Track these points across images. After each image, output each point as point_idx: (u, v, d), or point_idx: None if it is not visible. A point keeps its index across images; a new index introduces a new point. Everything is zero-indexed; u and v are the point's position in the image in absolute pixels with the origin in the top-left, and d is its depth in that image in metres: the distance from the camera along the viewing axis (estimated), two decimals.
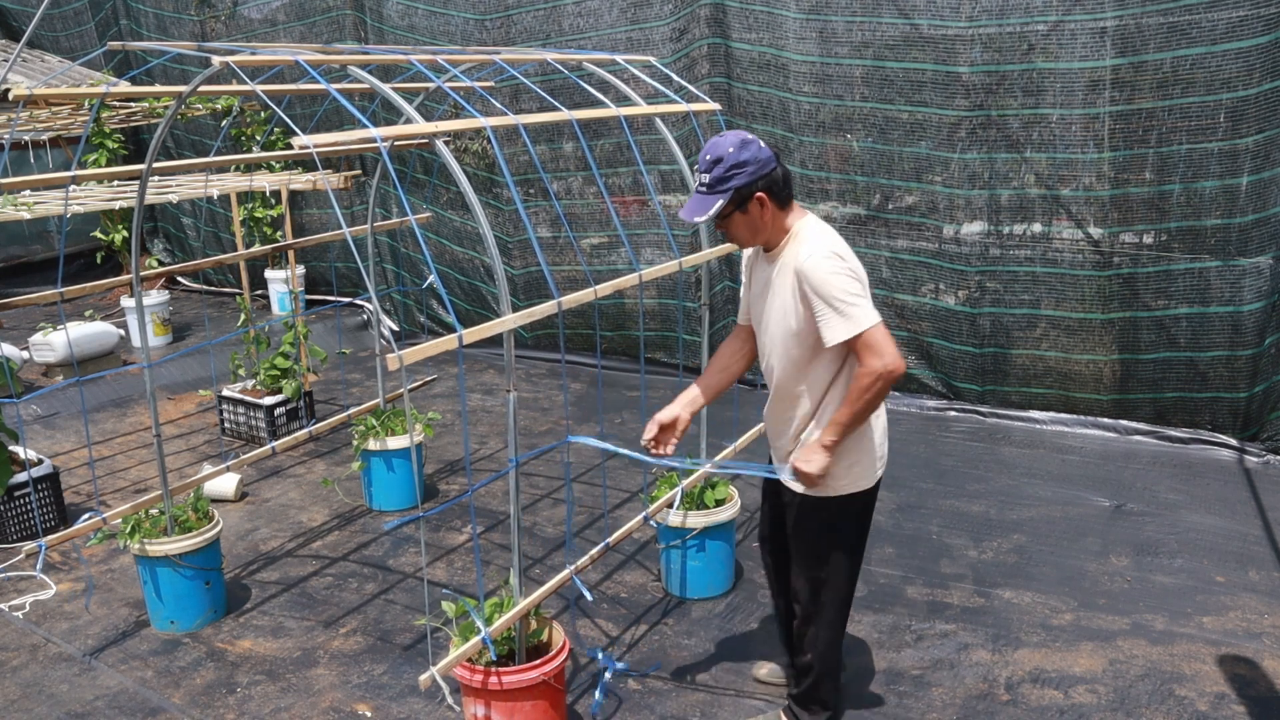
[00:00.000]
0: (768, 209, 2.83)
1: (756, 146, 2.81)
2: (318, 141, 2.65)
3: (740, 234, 2.91)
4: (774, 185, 2.82)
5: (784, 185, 2.85)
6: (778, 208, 2.85)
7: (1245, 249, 5.31)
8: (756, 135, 6.86)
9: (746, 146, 2.80)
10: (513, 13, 7.26)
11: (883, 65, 5.95)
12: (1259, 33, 4.99)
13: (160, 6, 9.48)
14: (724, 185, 2.79)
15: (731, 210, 2.83)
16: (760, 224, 2.86)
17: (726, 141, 2.82)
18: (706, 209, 2.81)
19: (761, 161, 2.80)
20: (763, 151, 2.82)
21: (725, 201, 2.80)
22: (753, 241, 2.94)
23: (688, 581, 4.16)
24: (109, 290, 8.90)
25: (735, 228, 2.89)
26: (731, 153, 2.79)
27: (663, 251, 7.29)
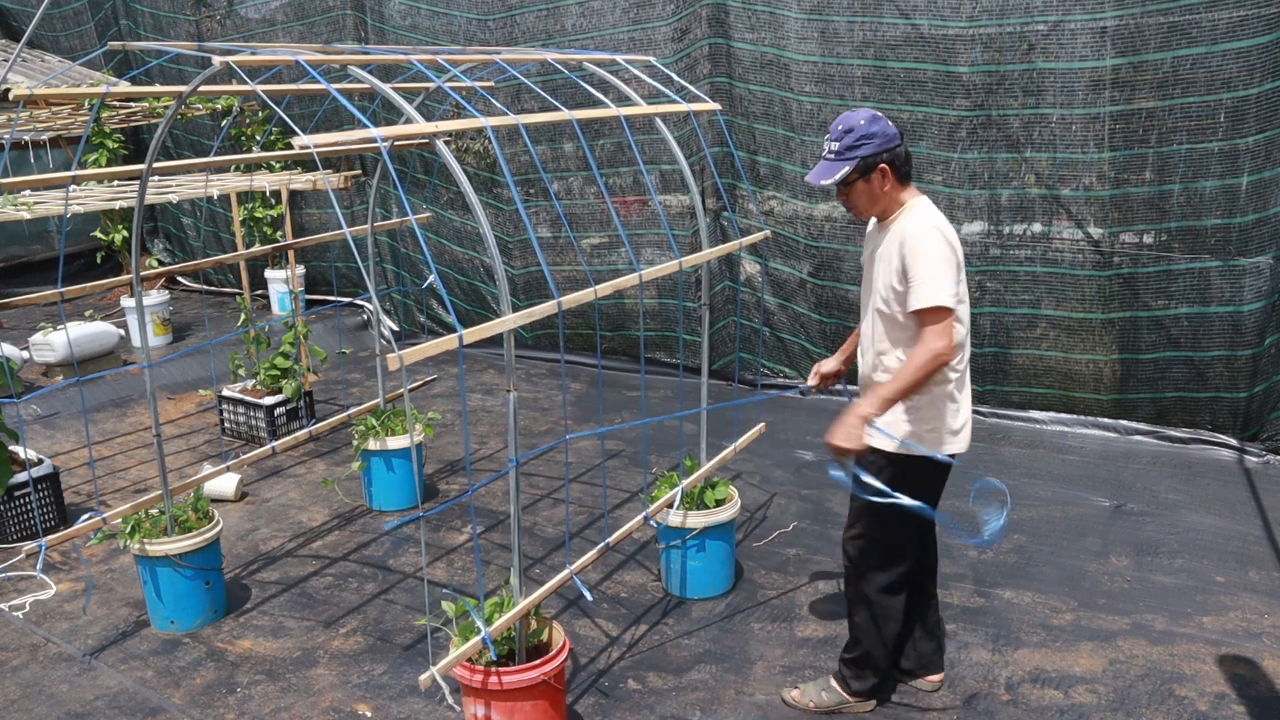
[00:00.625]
0: (888, 180, 3.04)
1: (885, 123, 3.02)
2: (318, 141, 2.65)
3: (859, 201, 3.10)
4: (896, 160, 3.02)
5: (904, 162, 3.05)
6: (896, 181, 3.05)
7: (1245, 249, 5.31)
8: (758, 135, 6.86)
9: (876, 121, 3.01)
10: (515, 13, 7.26)
11: (884, 65, 5.95)
12: (1259, 32, 4.99)
13: (158, 6, 9.48)
14: (852, 153, 3.00)
15: (856, 178, 3.03)
16: (879, 194, 3.06)
17: (859, 115, 3.03)
18: (834, 173, 3.02)
19: (889, 136, 3.01)
20: (890, 128, 3.02)
21: (851, 168, 3.00)
22: (870, 210, 3.13)
23: (688, 581, 4.16)
24: (109, 290, 8.91)
25: (856, 195, 3.08)
26: (862, 125, 2.99)
27: (663, 251, 7.29)
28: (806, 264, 6.60)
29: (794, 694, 3.46)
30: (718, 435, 4.54)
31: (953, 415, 3.09)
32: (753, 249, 6.81)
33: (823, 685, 3.43)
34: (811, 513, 5.02)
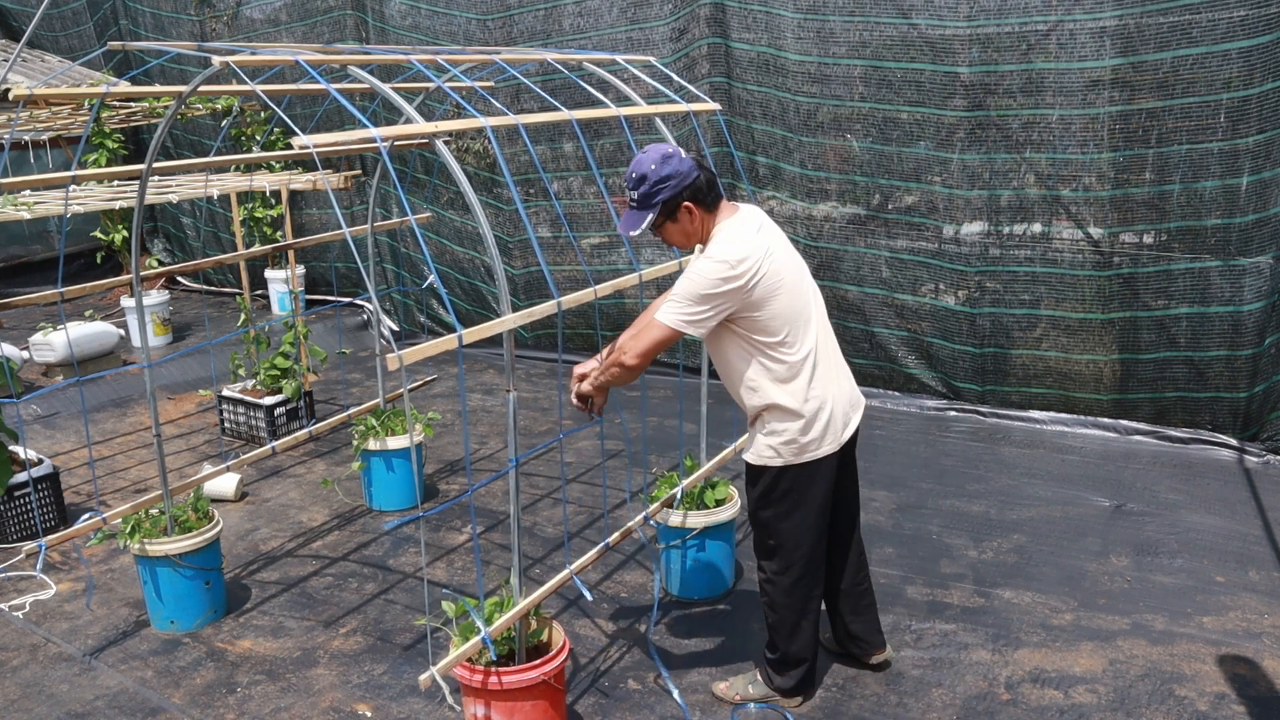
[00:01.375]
0: (696, 215, 3.07)
1: (678, 160, 3.02)
2: (318, 141, 2.65)
3: (676, 239, 3.15)
4: (698, 193, 3.04)
5: (709, 190, 3.06)
6: (705, 212, 3.08)
7: (1245, 249, 5.31)
8: (756, 135, 6.86)
9: (667, 161, 3.01)
10: (513, 13, 7.27)
11: (881, 65, 5.95)
12: (1259, 32, 4.99)
13: (158, 6, 9.48)
14: (652, 200, 3.02)
15: (663, 220, 3.07)
16: (691, 229, 3.10)
17: (648, 159, 3.03)
18: (640, 223, 3.04)
19: (683, 174, 3.00)
20: (684, 163, 3.01)
21: (655, 215, 3.04)
22: (688, 244, 3.17)
23: (688, 581, 4.16)
24: (109, 290, 8.91)
25: (670, 235, 3.13)
26: (654, 169, 3.00)
27: (663, 251, 7.29)
28: (806, 264, 6.59)
29: (722, 686, 3.51)
30: (718, 435, 4.55)
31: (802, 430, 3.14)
32: None
33: (750, 679, 3.50)
34: None
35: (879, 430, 6.12)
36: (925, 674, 3.62)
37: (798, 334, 3.10)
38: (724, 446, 4.37)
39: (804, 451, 3.15)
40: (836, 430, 3.20)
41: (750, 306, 3.02)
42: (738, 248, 2.99)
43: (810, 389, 3.12)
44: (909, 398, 6.49)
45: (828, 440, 3.18)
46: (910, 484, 5.33)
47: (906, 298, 6.29)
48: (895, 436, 6.03)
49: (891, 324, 6.38)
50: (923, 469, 5.53)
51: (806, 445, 3.15)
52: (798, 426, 3.12)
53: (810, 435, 3.14)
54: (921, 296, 6.26)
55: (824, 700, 3.48)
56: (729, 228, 3.07)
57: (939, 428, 6.15)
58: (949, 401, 6.37)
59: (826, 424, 3.16)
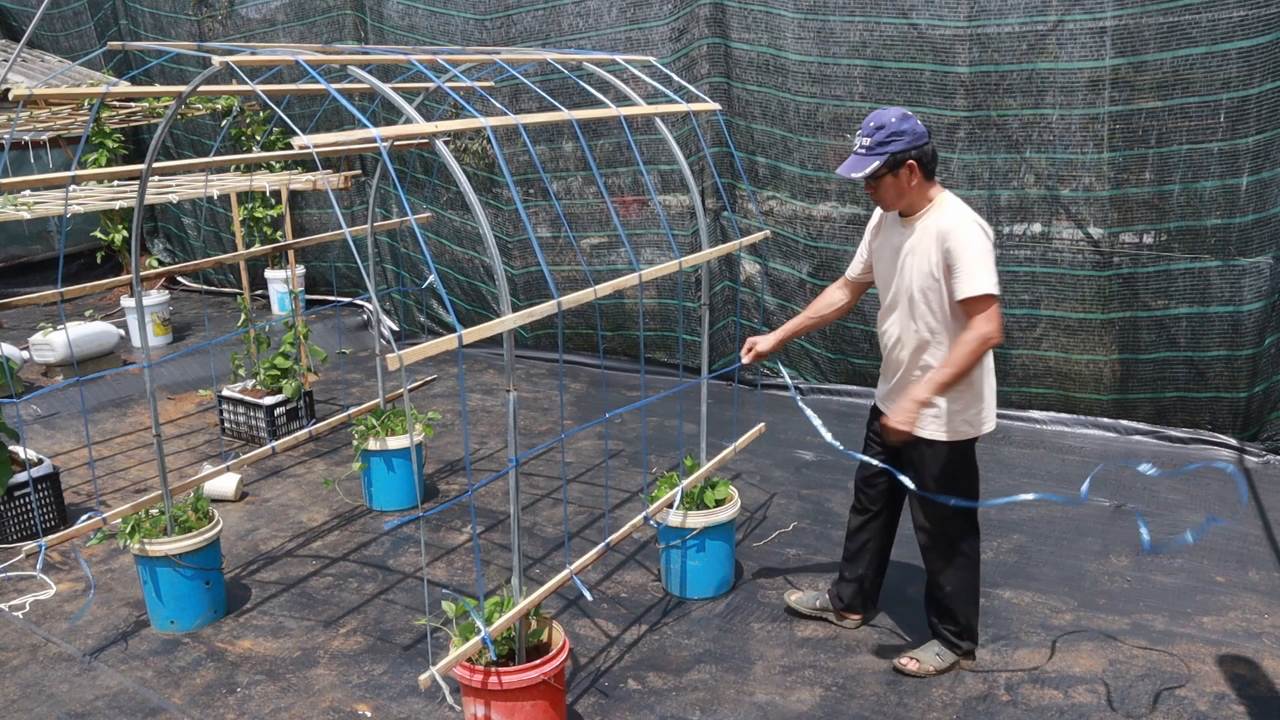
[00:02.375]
0: (915, 176, 3.20)
1: (914, 121, 3.19)
2: (318, 141, 2.65)
3: (887, 195, 3.27)
4: (924, 157, 3.20)
5: (932, 159, 3.23)
6: (924, 178, 3.22)
7: (1245, 249, 5.31)
8: (756, 135, 6.86)
9: (906, 119, 3.18)
10: (512, 12, 7.27)
11: (881, 65, 5.95)
12: (1259, 33, 4.99)
13: (158, 6, 9.48)
14: (882, 149, 3.17)
15: (885, 172, 3.20)
16: (906, 188, 3.23)
17: (890, 113, 3.20)
18: (864, 167, 3.19)
19: (918, 134, 3.18)
20: (919, 126, 3.20)
21: (880, 163, 3.17)
22: (896, 204, 3.29)
23: (688, 581, 4.16)
24: (109, 290, 8.90)
25: (884, 189, 3.26)
26: (893, 122, 3.17)
27: (663, 251, 7.29)
28: (806, 264, 6.60)
29: (910, 664, 3.60)
30: (718, 435, 4.55)
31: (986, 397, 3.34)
32: (752, 249, 6.82)
33: (935, 649, 3.62)
34: (811, 513, 5.02)
35: None
36: None
37: None
38: (724, 446, 4.37)
39: (983, 421, 3.37)
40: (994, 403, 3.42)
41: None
42: (975, 214, 3.20)
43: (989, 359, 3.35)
44: None
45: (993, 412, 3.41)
46: None
47: None
48: None
49: None
50: None
51: (985, 415, 3.37)
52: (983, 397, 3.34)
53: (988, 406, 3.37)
54: None
55: (824, 700, 3.48)
56: (952, 201, 3.25)
57: None
58: None
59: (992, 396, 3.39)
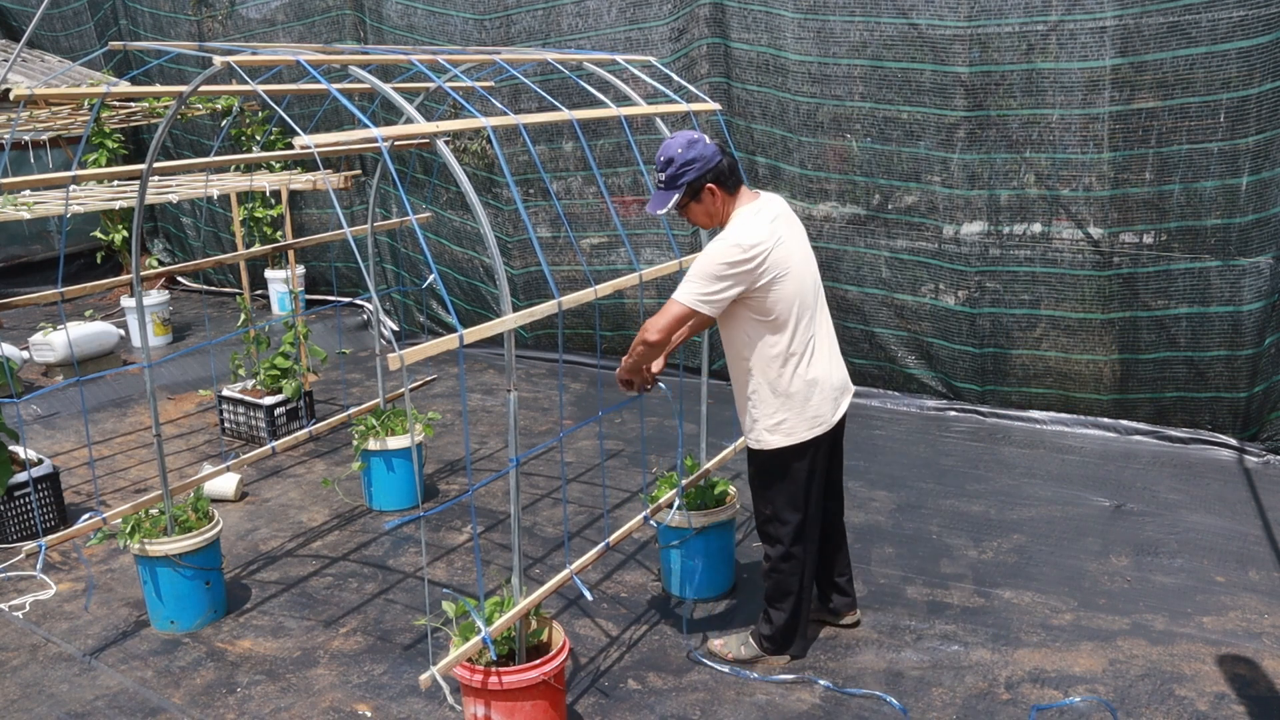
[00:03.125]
0: (718, 196, 3.31)
1: (702, 144, 3.27)
2: (318, 141, 2.65)
3: (699, 219, 3.40)
4: (720, 176, 3.28)
5: (730, 174, 3.31)
6: (726, 194, 3.32)
7: (1245, 249, 5.31)
8: (756, 135, 6.86)
9: (693, 146, 3.27)
10: (512, 12, 7.26)
11: (881, 65, 5.95)
12: (1259, 33, 4.99)
13: (158, 6, 9.48)
14: (678, 182, 3.28)
15: (687, 201, 3.33)
16: (713, 209, 3.34)
17: (675, 143, 3.29)
18: (666, 203, 3.32)
19: (707, 158, 3.26)
20: (708, 148, 3.27)
21: (680, 195, 3.30)
22: (710, 224, 3.41)
23: (688, 581, 4.16)
24: (109, 290, 8.91)
25: (693, 215, 3.39)
26: (680, 153, 3.26)
27: (663, 251, 7.29)
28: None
29: (718, 643, 3.76)
30: (718, 435, 4.55)
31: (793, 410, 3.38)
32: None
33: (742, 640, 3.74)
34: None
35: (879, 430, 6.12)
36: (925, 674, 3.62)
37: (798, 320, 3.33)
38: (724, 446, 4.37)
39: (794, 433, 3.39)
40: (825, 414, 3.44)
41: (757, 290, 3.24)
42: (751, 233, 3.22)
43: (799, 373, 3.37)
44: (909, 398, 6.49)
45: (819, 423, 3.42)
46: (910, 484, 5.33)
47: (906, 298, 6.29)
48: (895, 436, 6.03)
49: (891, 324, 6.38)
50: (923, 469, 5.53)
51: (796, 427, 3.39)
52: (790, 408, 3.37)
53: (801, 417, 3.39)
54: (921, 296, 6.27)
55: (824, 699, 3.48)
56: (746, 214, 3.31)
57: (939, 428, 6.15)
58: (949, 401, 6.37)
59: (816, 407, 3.41)
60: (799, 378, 3.36)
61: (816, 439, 3.43)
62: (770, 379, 3.36)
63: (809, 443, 3.42)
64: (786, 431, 3.39)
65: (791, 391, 3.36)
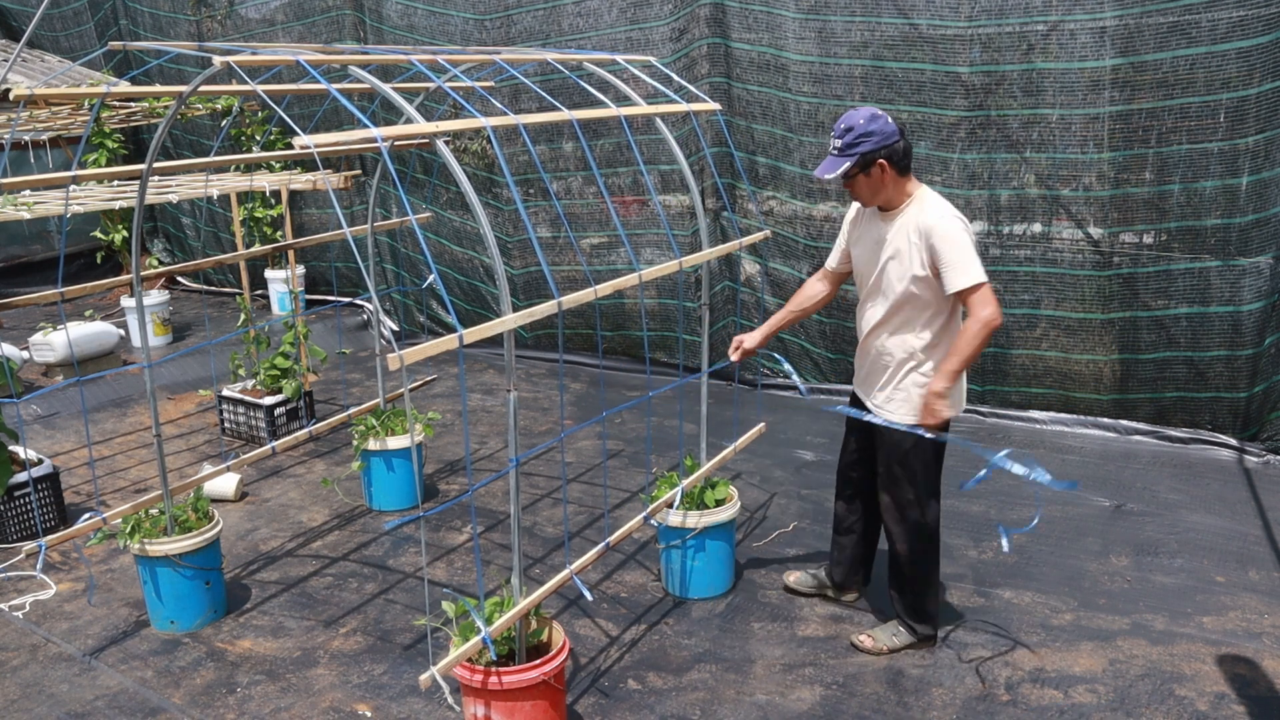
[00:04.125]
0: (888, 174, 3.32)
1: (884, 121, 3.30)
2: (318, 141, 2.65)
3: (862, 193, 3.41)
4: (894, 155, 3.30)
5: (904, 156, 3.33)
6: (897, 174, 3.34)
7: (1245, 249, 5.31)
8: (757, 135, 6.85)
9: (875, 120, 3.29)
10: (512, 12, 7.26)
11: (882, 65, 5.95)
12: (1259, 33, 4.99)
13: (158, 6, 9.48)
14: (852, 150, 3.29)
15: (856, 172, 3.33)
16: (880, 186, 3.35)
17: (859, 114, 3.31)
18: (836, 169, 3.32)
19: (886, 134, 3.28)
20: (888, 125, 3.29)
21: (851, 164, 3.30)
22: (872, 201, 3.43)
23: (688, 581, 4.16)
24: (109, 290, 8.91)
25: (858, 187, 3.39)
26: (861, 124, 3.28)
27: (663, 251, 7.29)
28: (806, 264, 6.60)
29: (865, 640, 3.76)
30: (718, 435, 4.55)
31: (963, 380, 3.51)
32: (752, 249, 6.82)
33: (892, 630, 3.78)
34: (811, 513, 5.02)
35: None
36: (925, 674, 3.62)
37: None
38: (724, 446, 4.37)
39: (959, 404, 3.53)
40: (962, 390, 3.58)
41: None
42: (952, 208, 3.34)
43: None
44: None
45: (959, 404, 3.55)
46: None
47: None
48: None
49: None
50: None
51: (960, 398, 3.54)
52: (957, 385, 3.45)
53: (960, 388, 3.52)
54: None
55: (824, 699, 3.48)
56: (932, 194, 3.38)
57: None
58: None
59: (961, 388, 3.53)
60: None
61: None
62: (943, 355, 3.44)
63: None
64: (956, 402, 3.50)
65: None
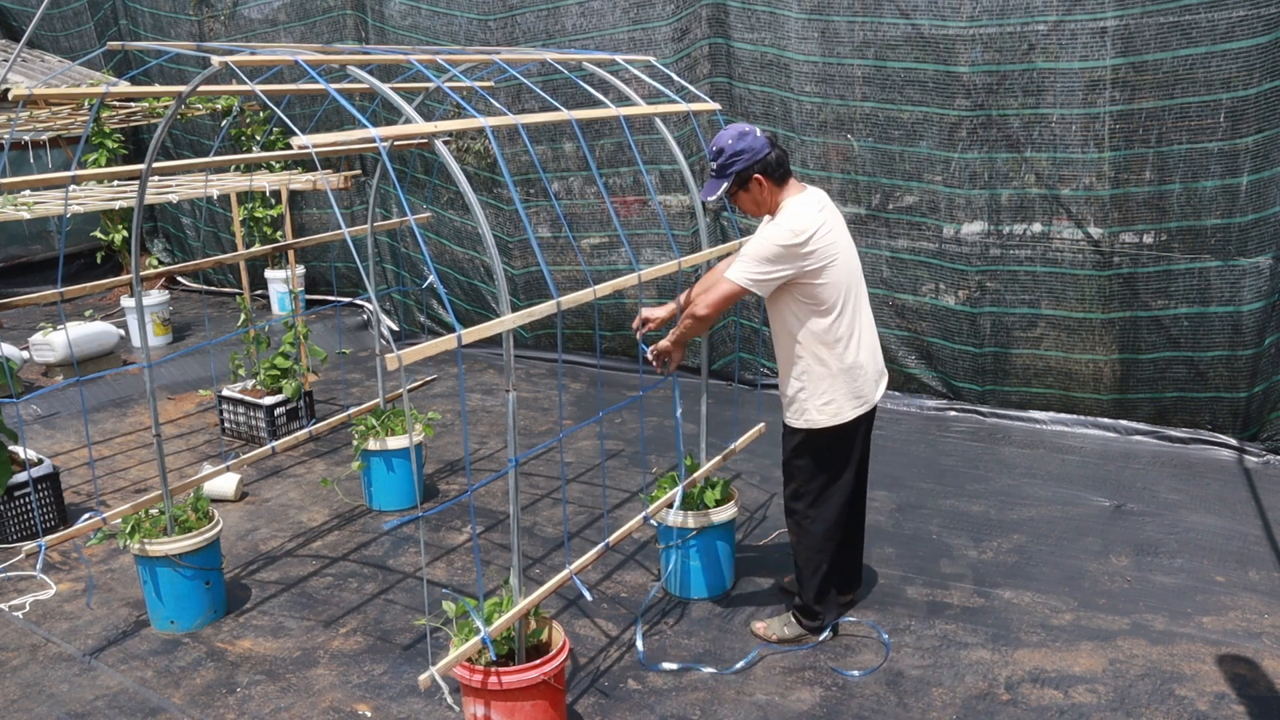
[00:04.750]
0: (765, 187, 3.49)
1: (752, 137, 3.46)
2: (317, 141, 2.65)
3: (747, 207, 3.59)
4: (768, 168, 3.47)
5: (777, 166, 3.49)
6: (774, 185, 3.50)
7: (1245, 249, 5.31)
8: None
9: (743, 138, 3.46)
10: (515, 13, 7.26)
11: (884, 65, 5.95)
12: (1259, 33, 4.99)
13: (158, 6, 9.48)
14: (727, 171, 3.48)
15: (736, 190, 3.52)
16: (761, 199, 3.53)
17: (727, 135, 3.49)
18: (716, 190, 3.53)
19: (755, 150, 3.45)
20: (757, 141, 3.46)
21: (730, 184, 3.50)
22: (758, 212, 3.60)
23: (688, 581, 4.16)
24: (109, 290, 8.91)
25: (741, 203, 3.59)
26: (730, 144, 3.46)
27: (663, 251, 7.29)
28: None
29: (760, 626, 3.90)
30: (718, 435, 4.55)
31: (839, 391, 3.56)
32: None
33: (784, 621, 3.88)
34: None
35: (879, 430, 6.09)
36: (925, 674, 3.62)
37: (845, 304, 3.52)
38: (724, 446, 4.37)
39: (839, 414, 3.57)
40: (869, 394, 3.64)
41: (807, 274, 3.43)
42: (803, 220, 3.42)
43: (847, 354, 3.55)
44: (909, 398, 6.49)
45: (862, 403, 3.61)
46: (910, 484, 5.33)
47: (907, 297, 6.29)
48: (895, 436, 6.03)
49: (891, 324, 6.38)
50: (923, 469, 5.52)
51: (844, 407, 3.56)
52: (838, 389, 3.54)
53: (848, 397, 3.56)
54: (922, 296, 6.26)
55: (824, 699, 3.48)
56: (795, 203, 3.50)
57: (939, 428, 6.15)
58: (949, 401, 6.37)
59: (860, 388, 3.59)
60: (847, 359, 3.54)
61: (859, 418, 3.62)
62: (821, 360, 3.53)
63: (853, 422, 3.60)
64: (834, 412, 3.56)
65: (839, 372, 3.54)
